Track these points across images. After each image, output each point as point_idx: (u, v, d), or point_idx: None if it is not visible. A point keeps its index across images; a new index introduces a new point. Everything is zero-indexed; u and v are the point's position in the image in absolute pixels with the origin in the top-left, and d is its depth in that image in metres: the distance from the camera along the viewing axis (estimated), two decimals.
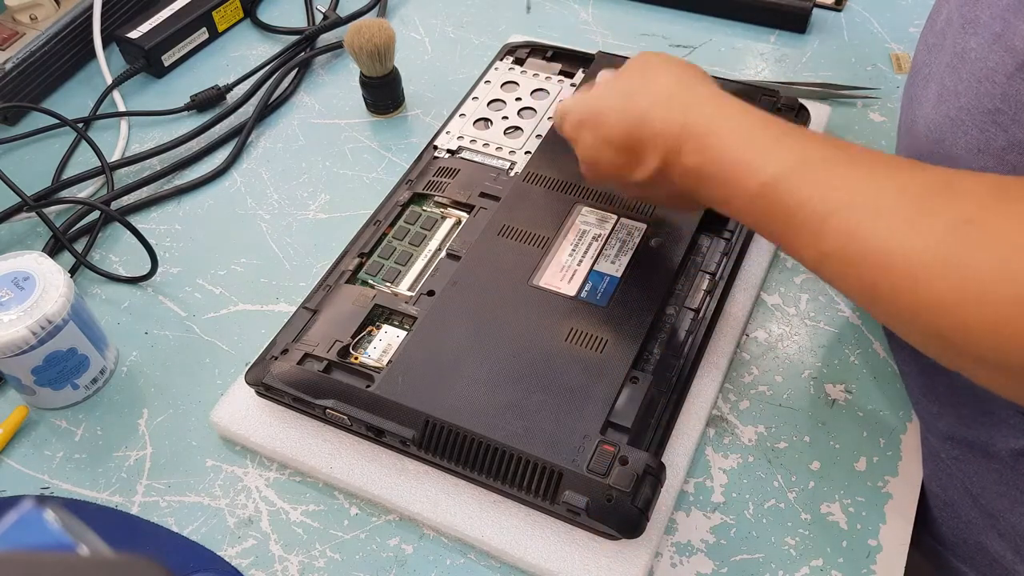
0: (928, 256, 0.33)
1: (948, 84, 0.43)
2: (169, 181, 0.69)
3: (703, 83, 0.46)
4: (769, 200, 0.39)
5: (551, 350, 0.49)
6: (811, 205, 0.37)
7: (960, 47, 0.42)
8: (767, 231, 0.41)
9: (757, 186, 0.39)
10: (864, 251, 0.35)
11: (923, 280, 0.33)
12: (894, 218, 0.35)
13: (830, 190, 0.37)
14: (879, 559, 0.46)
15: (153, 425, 0.54)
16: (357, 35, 0.66)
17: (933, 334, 0.34)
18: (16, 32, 0.75)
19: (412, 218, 0.59)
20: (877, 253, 0.35)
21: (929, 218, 0.34)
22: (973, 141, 0.41)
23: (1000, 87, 0.39)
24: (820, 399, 0.53)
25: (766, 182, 0.39)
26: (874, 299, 0.36)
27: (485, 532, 0.47)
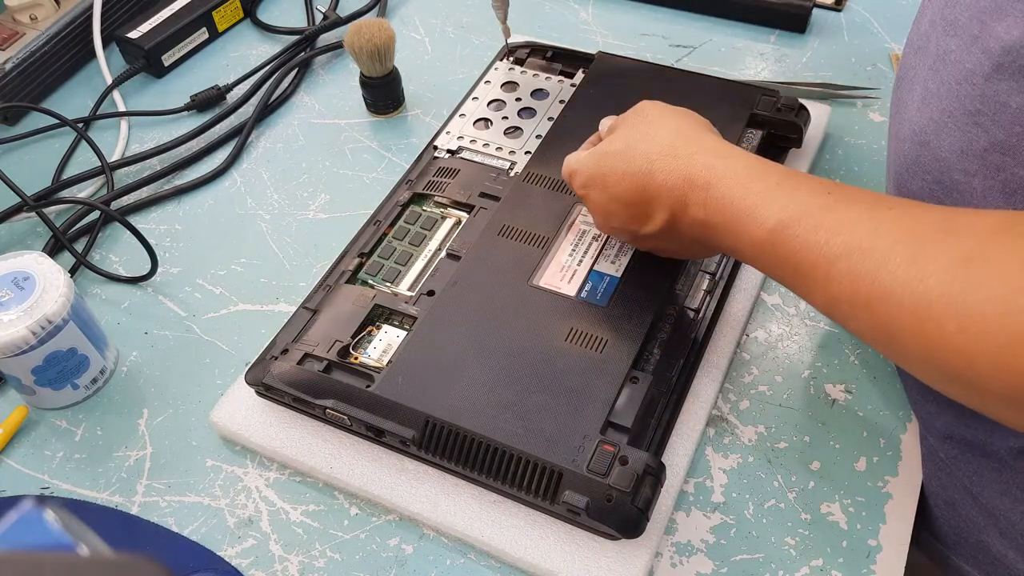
0: (933, 296, 0.33)
1: (931, 87, 0.44)
2: (169, 181, 0.69)
3: (702, 132, 0.47)
4: (776, 247, 0.40)
5: (551, 350, 0.49)
6: (817, 250, 0.38)
7: (941, 49, 0.43)
8: (778, 276, 0.42)
9: (763, 234, 0.41)
10: (871, 294, 0.36)
11: (930, 320, 0.33)
12: (898, 259, 0.35)
13: (834, 234, 0.38)
14: (879, 559, 0.46)
15: (153, 425, 0.54)
16: (357, 35, 0.66)
17: (949, 375, 0.34)
18: (16, 32, 0.75)
19: (412, 218, 0.59)
20: (884, 295, 0.35)
21: (932, 258, 0.34)
22: (956, 143, 0.41)
23: (979, 88, 0.40)
24: (820, 399, 0.53)
25: (772, 229, 0.40)
26: (888, 341, 0.36)
27: (485, 532, 0.47)
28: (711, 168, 0.44)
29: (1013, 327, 0.31)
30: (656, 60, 0.72)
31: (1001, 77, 0.39)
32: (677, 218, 0.46)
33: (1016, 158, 0.39)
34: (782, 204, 0.40)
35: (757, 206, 0.41)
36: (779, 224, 0.40)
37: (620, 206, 0.48)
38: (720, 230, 0.43)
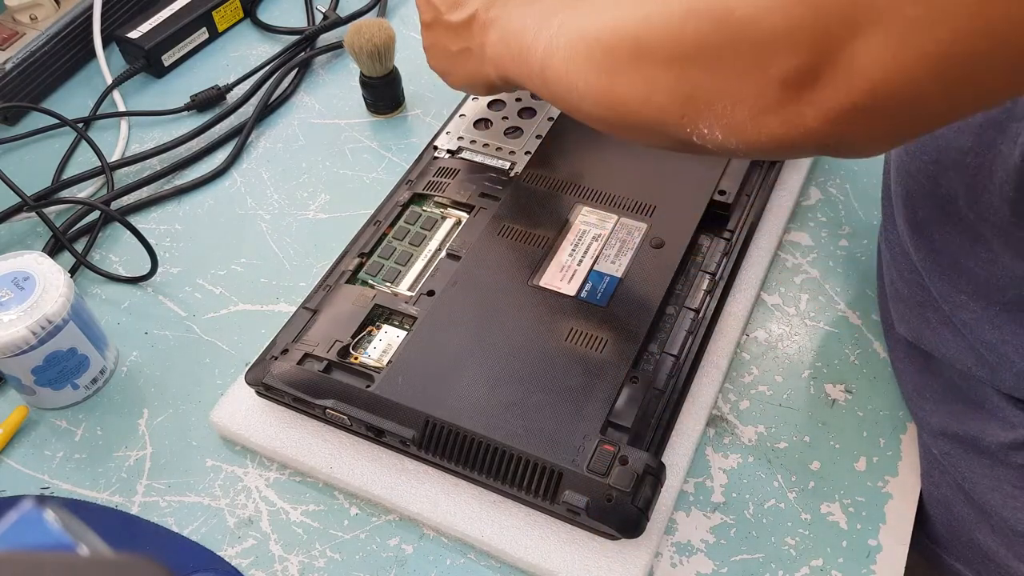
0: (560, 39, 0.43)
1: None
2: (169, 181, 0.69)
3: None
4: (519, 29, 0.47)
5: (551, 350, 0.49)
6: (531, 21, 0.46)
7: None
8: (516, 62, 0.48)
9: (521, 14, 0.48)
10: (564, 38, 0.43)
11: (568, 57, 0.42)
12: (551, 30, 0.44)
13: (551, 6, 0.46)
14: (879, 559, 0.46)
15: (153, 425, 0.54)
16: (357, 35, 0.66)
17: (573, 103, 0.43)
18: (16, 32, 0.75)
19: (412, 218, 0.59)
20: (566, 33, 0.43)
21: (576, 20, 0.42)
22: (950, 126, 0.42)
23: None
24: (820, 399, 0.53)
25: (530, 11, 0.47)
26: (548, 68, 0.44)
27: (485, 532, 0.47)
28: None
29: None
30: None
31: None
32: (478, 13, 0.51)
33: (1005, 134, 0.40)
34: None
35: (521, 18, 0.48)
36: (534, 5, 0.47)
37: (453, 58, 0.55)
38: (501, 21, 0.50)
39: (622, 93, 0.39)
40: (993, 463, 0.47)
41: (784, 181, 0.62)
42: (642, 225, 0.56)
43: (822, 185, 0.64)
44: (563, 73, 0.43)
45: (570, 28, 0.43)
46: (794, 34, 0.31)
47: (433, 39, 0.57)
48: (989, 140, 0.41)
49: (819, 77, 0.31)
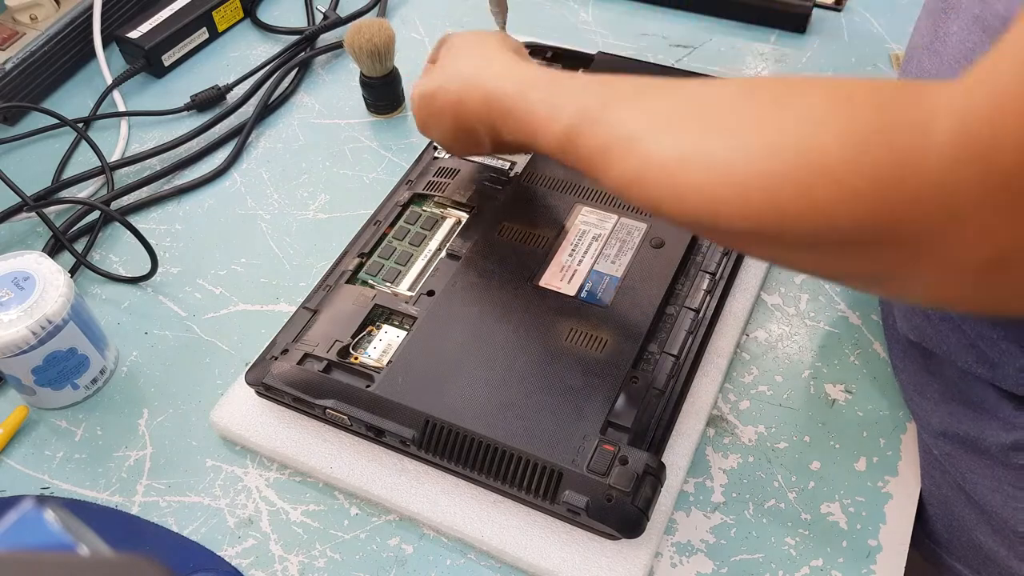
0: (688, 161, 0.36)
1: (928, 67, 0.44)
2: (169, 181, 0.69)
3: (499, 53, 0.52)
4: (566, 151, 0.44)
5: (551, 350, 0.49)
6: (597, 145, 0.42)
7: (942, 32, 0.44)
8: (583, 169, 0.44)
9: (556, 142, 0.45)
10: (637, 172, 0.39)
11: (682, 183, 0.36)
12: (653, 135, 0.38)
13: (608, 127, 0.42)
14: (879, 559, 0.46)
15: (153, 425, 0.54)
16: (357, 35, 0.66)
17: (702, 224, 0.37)
18: (16, 32, 0.75)
19: (412, 218, 0.59)
20: (645, 169, 0.38)
21: (683, 131, 0.37)
22: None
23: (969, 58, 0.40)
24: (820, 399, 0.53)
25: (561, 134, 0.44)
26: (657, 209, 0.39)
27: (485, 532, 0.47)
28: (504, 92, 0.48)
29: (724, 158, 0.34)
30: (656, 60, 0.72)
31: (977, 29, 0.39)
32: (500, 138, 0.50)
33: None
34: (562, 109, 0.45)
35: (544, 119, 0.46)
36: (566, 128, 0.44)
37: (453, 139, 0.54)
38: (532, 144, 0.47)
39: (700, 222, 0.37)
40: (993, 464, 0.47)
41: None
42: (642, 225, 0.56)
43: None
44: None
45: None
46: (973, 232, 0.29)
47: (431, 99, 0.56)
48: None
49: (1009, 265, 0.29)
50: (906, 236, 0.30)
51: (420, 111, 0.55)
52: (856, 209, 0.30)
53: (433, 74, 0.54)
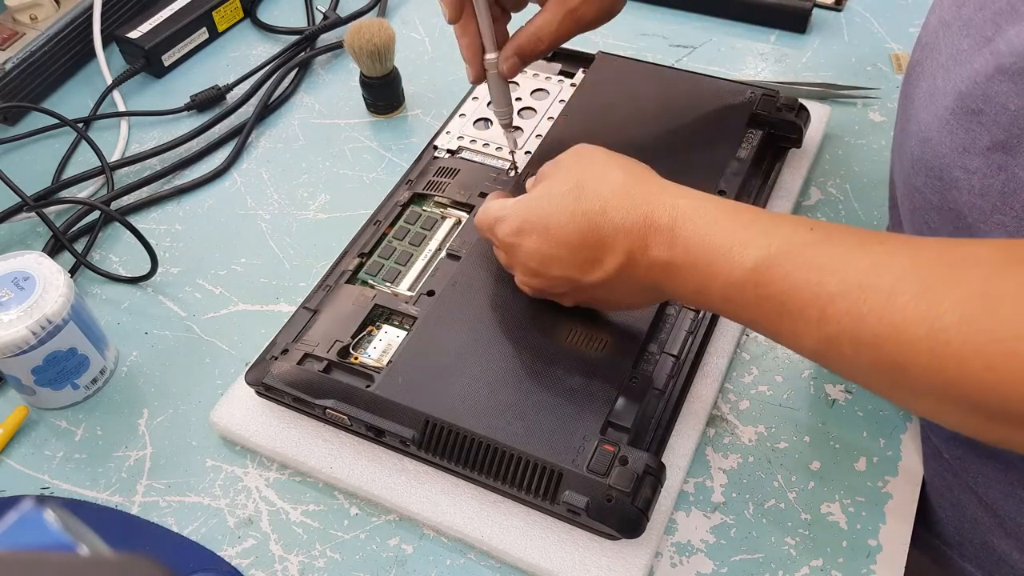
0: (951, 333, 0.32)
1: (938, 84, 0.44)
2: (169, 181, 0.69)
3: (653, 175, 0.45)
4: (758, 288, 0.37)
5: (551, 350, 0.49)
6: (810, 289, 0.36)
7: (953, 48, 0.43)
8: (753, 319, 0.39)
9: (743, 274, 0.38)
10: (878, 333, 0.34)
11: (950, 359, 0.32)
12: (906, 295, 0.33)
13: (827, 273, 0.36)
14: (879, 559, 0.46)
15: (153, 425, 0.54)
16: (357, 35, 0.66)
17: (971, 411, 0.33)
18: (16, 32, 0.75)
19: (412, 218, 0.59)
20: (895, 333, 0.33)
21: (943, 293, 0.33)
22: (959, 140, 0.41)
23: (981, 88, 0.40)
24: (820, 399, 0.53)
25: (753, 268, 0.37)
26: (897, 381, 0.35)
27: (485, 532, 0.47)
28: (675, 207, 0.41)
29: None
30: (656, 60, 0.72)
31: (1002, 79, 0.39)
32: (634, 261, 0.42)
33: (1017, 158, 0.39)
34: (763, 241, 0.38)
35: (733, 244, 0.38)
36: (762, 261, 0.37)
37: (566, 250, 0.44)
38: (687, 271, 0.40)
39: (1013, 444, 0.33)
40: (1007, 468, 0.46)
41: (784, 181, 0.62)
42: None
43: (822, 185, 0.64)
44: (880, 373, 0.35)
45: (897, 331, 0.33)
46: None
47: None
48: (999, 163, 0.40)
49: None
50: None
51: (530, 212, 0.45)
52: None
53: (557, 178, 0.45)
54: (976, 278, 0.32)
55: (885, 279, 0.34)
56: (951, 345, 0.32)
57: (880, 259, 0.35)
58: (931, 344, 0.32)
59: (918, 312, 0.33)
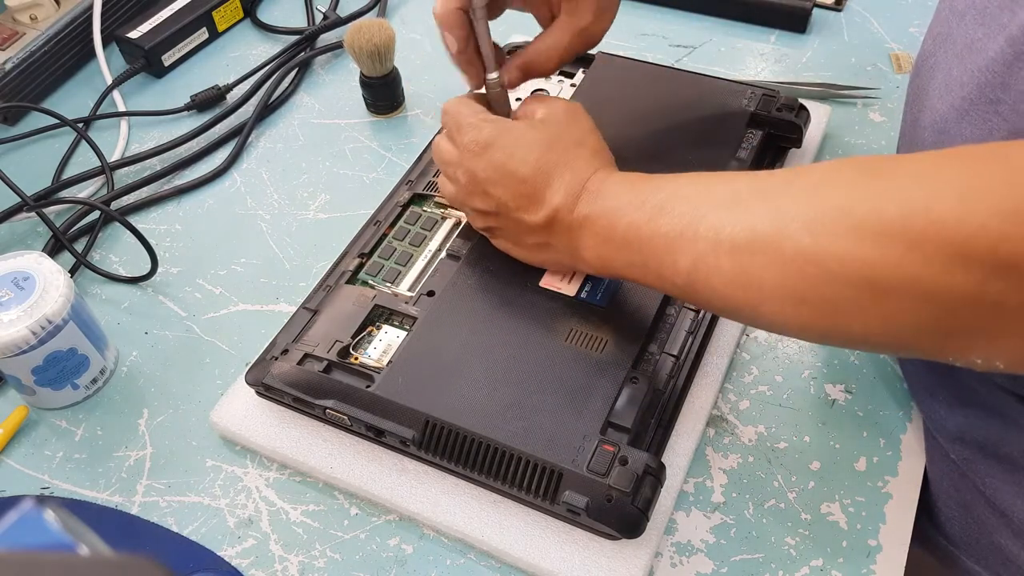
0: (790, 218, 0.37)
1: (954, 74, 0.43)
2: (169, 181, 0.69)
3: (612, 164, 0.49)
4: (648, 227, 0.42)
5: (551, 350, 0.49)
6: (687, 216, 0.41)
7: (968, 37, 0.43)
8: (644, 262, 0.43)
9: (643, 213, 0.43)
10: (734, 237, 0.38)
11: (788, 238, 0.36)
12: (758, 202, 0.39)
13: (701, 198, 0.41)
14: (879, 559, 0.46)
15: (153, 425, 0.54)
16: (357, 35, 0.66)
17: (806, 287, 0.36)
18: (16, 32, 0.75)
19: (412, 218, 0.59)
20: (747, 233, 0.38)
21: (786, 193, 0.38)
22: (976, 131, 0.41)
23: (1000, 77, 0.40)
24: (820, 399, 0.53)
25: (654, 206, 0.43)
26: (749, 280, 0.38)
27: (485, 532, 0.47)
28: (608, 176, 0.46)
29: (854, 225, 0.34)
30: (656, 60, 0.72)
31: (1021, 66, 0.38)
32: (560, 212, 0.46)
33: None
34: (662, 188, 0.43)
35: (640, 194, 0.44)
36: (658, 202, 0.43)
37: (516, 178, 0.47)
38: (601, 220, 0.45)
39: (844, 318, 0.36)
40: (1014, 469, 0.46)
41: None
42: None
43: None
44: (733, 286, 0.39)
45: (744, 239, 0.38)
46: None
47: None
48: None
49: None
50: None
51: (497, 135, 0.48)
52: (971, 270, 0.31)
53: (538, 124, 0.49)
54: (813, 177, 0.38)
55: (744, 194, 0.40)
56: (789, 228, 0.36)
57: (741, 182, 0.41)
58: (774, 234, 0.37)
59: (766, 211, 0.38)
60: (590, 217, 0.45)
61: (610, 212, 0.45)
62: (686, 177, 0.44)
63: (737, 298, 0.39)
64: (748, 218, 0.38)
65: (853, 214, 0.34)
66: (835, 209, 0.35)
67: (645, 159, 0.58)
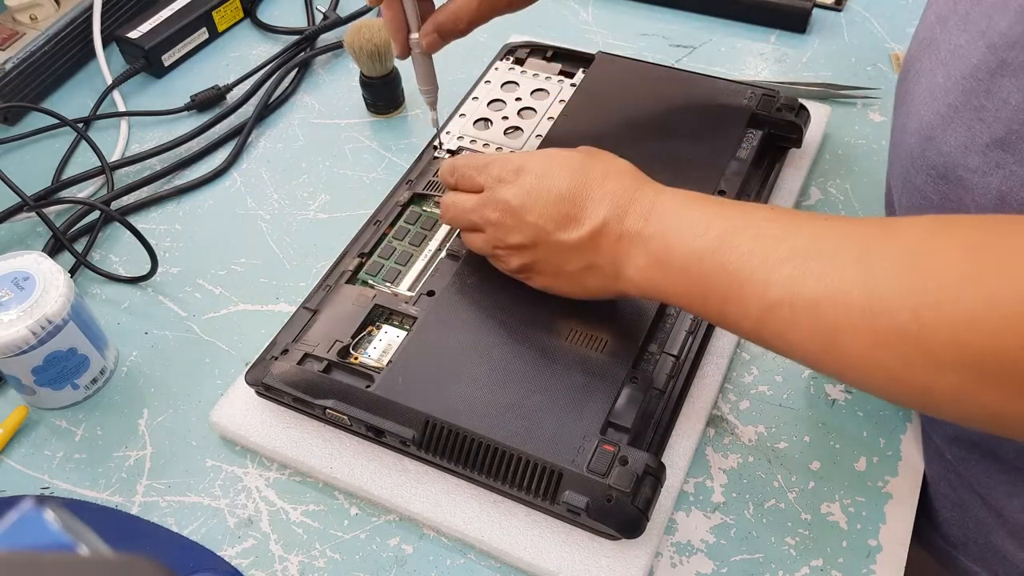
0: (883, 290, 0.34)
1: (939, 80, 0.44)
2: (169, 181, 0.69)
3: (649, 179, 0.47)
4: (715, 254, 0.39)
5: (551, 350, 0.49)
6: (760, 254, 0.38)
7: (952, 44, 0.43)
8: (705, 292, 0.40)
9: (706, 241, 0.40)
10: (817, 294, 0.35)
11: (882, 313, 0.33)
12: (844, 257, 0.35)
13: (777, 241, 0.38)
14: (879, 559, 0.46)
15: (153, 425, 0.54)
16: (357, 35, 0.66)
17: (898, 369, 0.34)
18: (16, 32, 0.75)
19: (412, 218, 0.59)
20: (832, 294, 0.35)
21: (879, 254, 0.35)
22: (961, 138, 0.41)
23: (983, 84, 0.40)
24: (820, 399, 0.53)
25: (717, 235, 0.40)
26: (833, 343, 0.36)
27: (485, 532, 0.47)
28: (659, 191, 0.44)
29: (966, 311, 0.32)
30: (656, 60, 0.72)
31: (1004, 73, 0.39)
32: (608, 229, 0.43)
33: (1015, 155, 0.39)
34: (727, 214, 0.40)
35: (701, 218, 0.41)
36: (723, 231, 0.39)
37: (552, 196, 0.45)
38: (654, 240, 0.42)
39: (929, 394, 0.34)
40: (1009, 469, 0.46)
41: (784, 181, 0.62)
42: None
43: (822, 185, 0.64)
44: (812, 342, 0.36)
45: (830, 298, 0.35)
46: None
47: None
48: (996, 160, 0.40)
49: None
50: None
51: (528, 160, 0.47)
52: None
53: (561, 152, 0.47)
54: (910, 240, 0.35)
55: (828, 244, 0.36)
56: (884, 300, 0.33)
57: (823, 231, 0.37)
58: (865, 300, 0.34)
59: (855, 272, 0.35)
60: (643, 235, 0.42)
61: (667, 232, 0.41)
62: (755, 207, 0.41)
63: (817, 357, 0.37)
64: (834, 276, 0.35)
65: (962, 297, 0.32)
66: (940, 288, 0.32)
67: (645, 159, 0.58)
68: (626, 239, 0.43)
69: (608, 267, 0.45)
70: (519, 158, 0.48)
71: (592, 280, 0.46)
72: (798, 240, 0.37)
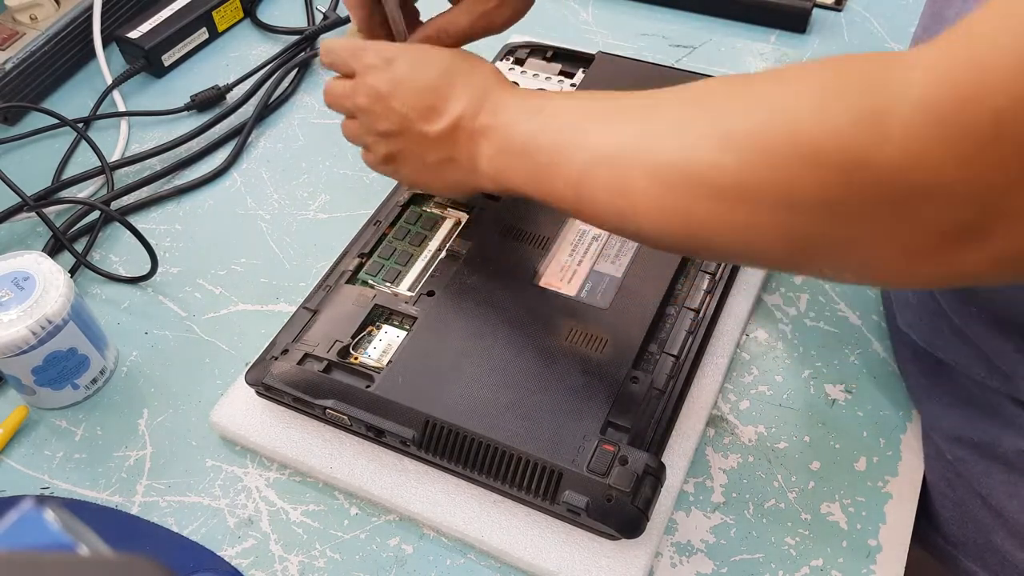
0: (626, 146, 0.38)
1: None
2: (169, 181, 0.69)
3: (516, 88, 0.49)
4: (542, 137, 0.43)
5: (551, 350, 0.49)
6: (571, 126, 0.41)
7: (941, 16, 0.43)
8: (538, 174, 0.43)
9: (534, 125, 0.43)
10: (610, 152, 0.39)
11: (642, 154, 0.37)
12: (629, 117, 0.40)
13: (586, 112, 0.41)
14: (879, 559, 0.46)
15: (153, 425, 0.54)
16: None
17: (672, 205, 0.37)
18: (16, 32, 0.75)
19: (412, 218, 0.59)
20: (618, 151, 0.39)
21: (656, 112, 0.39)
22: None
23: None
24: (820, 399, 0.53)
25: (545, 117, 0.43)
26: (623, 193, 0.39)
27: (485, 532, 0.47)
28: (514, 90, 0.46)
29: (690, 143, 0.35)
30: (656, 60, 0.72)
31: None
32: (463, 119, 0.46)
33: None
34: (557, 98, 0.44)
35: (536, 103, 0.44)
36: (551, 111, 0.43)
37: (418, 86, 0.47)
38: (500, 130, 0.44)
39: (706, 226, 0.36)
40: (1009, 469, 0.46)
41: None
42: None
43: None
44: (612, 195, 0.39)
45: (621, 149, 0.38)
46: (953, 190, 0.28)
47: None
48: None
49: (986, 230, 0.29)
50: (885, 191, 0.30)
51: (401, 50, 0.49)
52: (824, 172, 0.31)
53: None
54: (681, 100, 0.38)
55: (622, 108, 0.40)
56: (661, 138, 0.37)
57: (630, 98, 0.41)
58: (649, 142, 0.37)
59: (640, 122, 0.39)
60: (492, 127, 0.45)
61: (508, 123, 0.44)
62: (573, 92, 0.45)
63: (617, 207, 0.39)
64: (625, 129, 0.39)
65: (718, 124, 0.35)
66: (702, 121, 0.35)
67: None
68: (479, 132, 0.45)
69: (465, 161, 0.47)
70: (393, 48, 0.49)
71: (451, 173, 0.48)
72: (602, 107, 0.41)
